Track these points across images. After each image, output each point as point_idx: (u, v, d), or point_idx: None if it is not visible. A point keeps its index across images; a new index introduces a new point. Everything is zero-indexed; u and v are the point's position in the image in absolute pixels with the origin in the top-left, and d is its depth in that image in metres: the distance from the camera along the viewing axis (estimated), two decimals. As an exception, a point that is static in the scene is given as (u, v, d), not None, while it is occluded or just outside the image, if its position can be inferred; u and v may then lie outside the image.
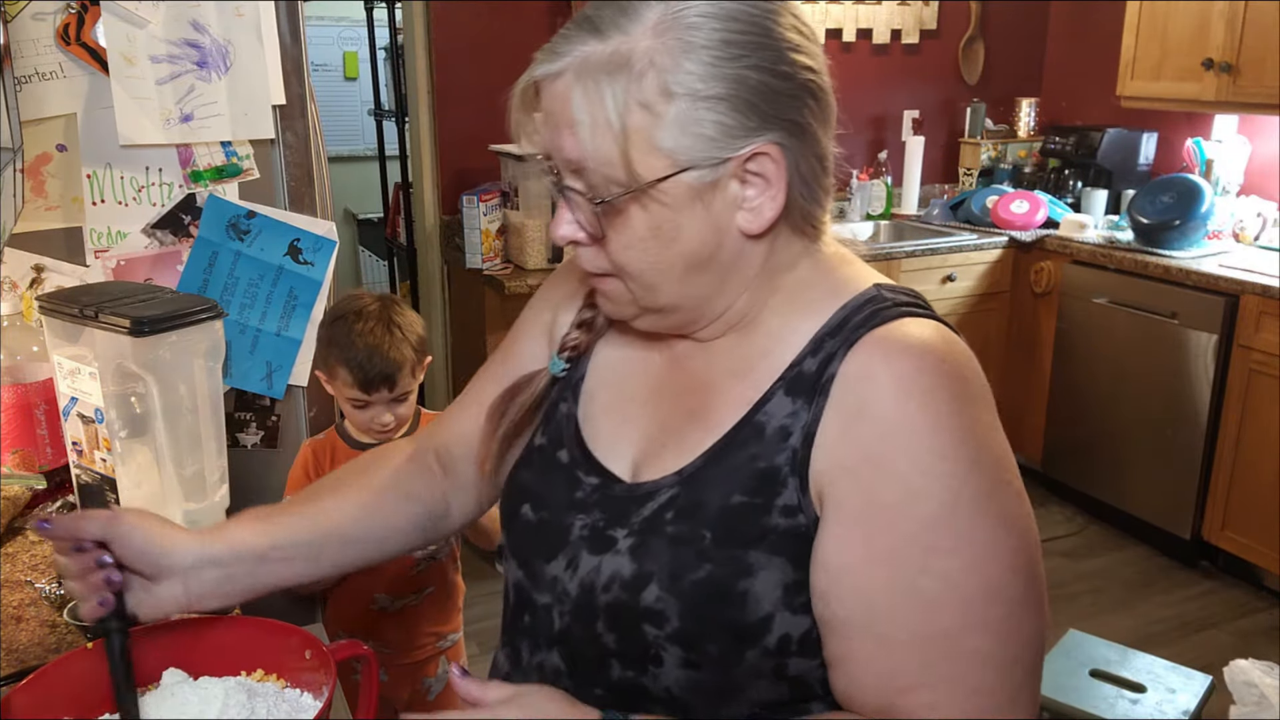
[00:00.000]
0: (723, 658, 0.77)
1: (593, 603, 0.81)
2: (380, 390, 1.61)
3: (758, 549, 0.76)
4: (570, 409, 0.92)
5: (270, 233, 1.70)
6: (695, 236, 0.77)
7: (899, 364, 0.74)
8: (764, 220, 0.77)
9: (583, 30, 0.75)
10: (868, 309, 0.79)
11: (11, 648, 1.10)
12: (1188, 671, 2.04)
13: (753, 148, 0.75)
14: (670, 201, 0.75)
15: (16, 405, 1.44)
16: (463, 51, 3.34)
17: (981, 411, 0.75)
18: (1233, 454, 3.11)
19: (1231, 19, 3.22)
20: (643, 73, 0.73)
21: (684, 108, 0.73)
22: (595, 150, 0.74)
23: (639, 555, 0.80)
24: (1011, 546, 0.73)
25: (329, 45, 5.52)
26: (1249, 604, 3.08)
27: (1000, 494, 0.73)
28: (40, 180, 1.57)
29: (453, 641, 1.77)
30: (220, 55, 1.61)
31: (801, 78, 0.76)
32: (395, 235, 4.16)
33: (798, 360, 0.79)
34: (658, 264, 0.78)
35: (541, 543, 0.88)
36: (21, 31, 1.50)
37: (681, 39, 0.73)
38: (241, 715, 0.86)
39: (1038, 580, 0.75)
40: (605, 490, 0.86)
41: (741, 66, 0.73)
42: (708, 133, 0.74)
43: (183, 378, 1.24)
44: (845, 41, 3.95)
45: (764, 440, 0.78)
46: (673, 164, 0.74)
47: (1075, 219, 3.66)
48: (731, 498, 0.78)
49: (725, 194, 0.76)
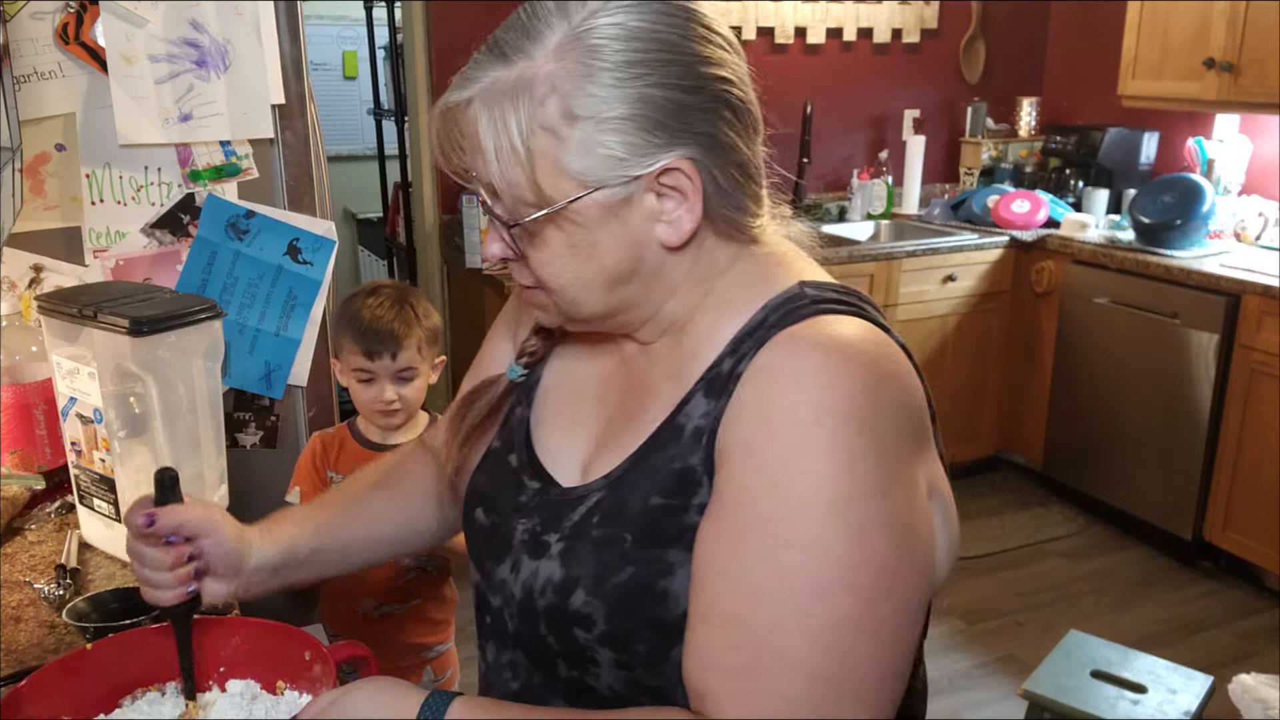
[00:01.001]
0: (651, 657, 0.77)
1: (533, 606, 0.82)
2: (383, 357, 1.58)
3: (676, 547, 0.76)
4: (524, 413, 0.94)
5: (269, 232, 1.69)
6: (614, 252, 0.78)
7: (801, 359, 0.73)
8: (683, 232, 0.77)
9: (490, 56, 0.76)
10: (785, 307, 0.78)
11: (10, 648, 1.09)
12: (1189, 672, 2.03)
13: (662, 164, 0.74)
14: (584, 221, 0.76)
15: (15, 405, 1.43)
16: (462, 51, 3.28)
17: (884, 417, 0.71)
18: (1234, 454, 3.10)
19: (1233, 18, 3.21)
20: (544, 97, 0.73)
21: (588, 130, 0.73)
22: (503, 175, 0.75)
23: (567, 560, 0.81)
24: (858, 561, 0.68)
25: (328, 44, 5.52)
26: (1250, 604, 3.08)
27: (870, 505, 0.69)
28: (39, 180, 1.57)
29: (439, 652, 1.76)
30: (219, 54, 1.61)
31: (713, 89, 0.75)
32: (395, 235, 4.16)
33: (718, 361, 0.79)
34: (578, 279, 0.79)
35: (492, 546, 0.89)
36: (20, 31, 1.50)
37: (582, 62, 0.73)
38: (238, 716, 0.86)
39: (887, 608, 0.69)
40: (544, 494, 0.87)
41: (645, 85, 0.73)
42: (615, 153, 0.74)
43: (182, 378, 1.24)
44: (846, 41, 3.95)
45: (682, 441, 0.78)
46: (581, 185, 0.74)
47: (1076, 219, 3.65)
48: (651, 499, 0.78)
49: (641, 208, 0.76)
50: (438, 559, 1.69)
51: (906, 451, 0.73)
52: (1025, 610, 3.03)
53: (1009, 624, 2.96)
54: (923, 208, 4.10)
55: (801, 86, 3.83)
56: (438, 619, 1.75)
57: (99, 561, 1.31)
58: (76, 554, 1.31)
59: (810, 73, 3.90)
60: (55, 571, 1.25)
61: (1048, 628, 2.90)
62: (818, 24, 3.86)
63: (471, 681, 1.15)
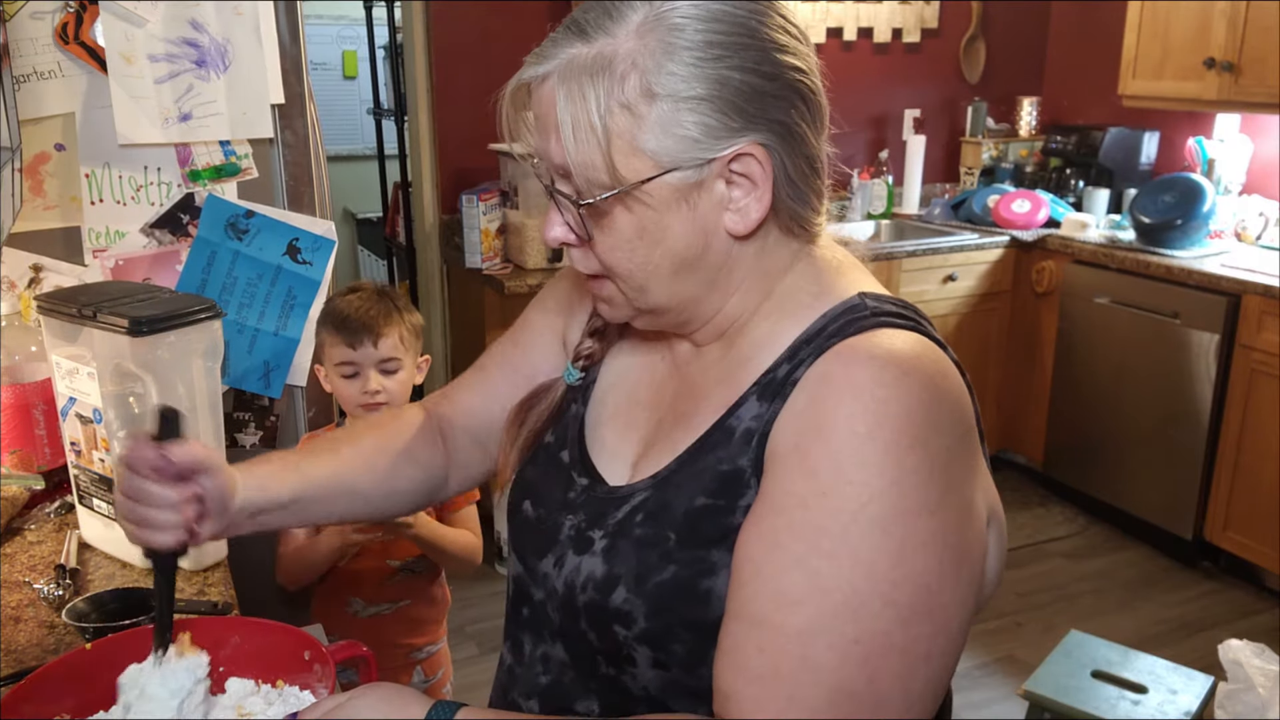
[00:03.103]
0: (689, 657, 0.77)
1: (574, 602, 0.83)
2: (365, 344, 1.57)
3: (720, 548, 0.76)
4: (579, 410, 0.94)
5: (269, 232, 1.69)
6: (681, 237, 0.77)
7: (858, 371, 0.72)
8: (750, 221, 0.77)
9: (570, 33, 0.76)
10: (845, 318, 0.78)
11: (10, 648, 1.09)
12: (1189, 672, 2.03)
13: (736, 149, 0.75)
14: (655, 203, 0.76)
15: (15, 405, 1.43)
16: (462, 51, 3.33)
17: (938, 434, 0.71)
18: (1234, 454, 3.10)
19: (1233, 18, 3.21)
20: (625, 74, 0.73)
21: (666, 109, 0.73)
22: (579, 153, 0.75)
23: (610, 557, 0.81)
24: (899, 578, 0.68)
25: (328, 44, 5.52)
26: (1250, 604, 3.08)
27: (917, 522, 0.68)
28: (38, 179, 1.57)
29: (430, 653, 1.75)
30: (219, 54, 1.61)
31: (788, 78, 0.76)
32: (394, 235, 4.16)
33: (774, 366, 0.79)
34: (645, 264, 0.79)
35: (537, 539, 0.89)
36: (20, 30, 1.49)
37: (664, 40, 0.73)
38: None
39: (924, 628, 0.69)
40: (591, 492, 0.87)
41: (724, 67, 0.73)
42: (691, 134, 0.74)
43: (181, 378, 1.24)
44: (846, 40, 3.95)
45: (731, 443, 0.78)
46: (656, 165, 0.75)
47: (1077, 218, 3.65)
48: (696, 500, 0.78)
49: (711, 194, 0.77)
50: (425, 560, 1.69)
51: (959, 469, 0.73)
52: (1025, 610, 3.03)
53: (1009, 624, 2.95)
54: (923, 207, 4.10)
55: (802, 86, 3.82)
56: (428, 620, 1.74)
57: (98, 561, 1.31)
58: (76, 554, 1.31)
59: (810, 72, 3.89)
60: (55, 571, 1.25)
61: (1048, 628, 2.90)
62: (818, 24, 3.86)
63: (467, 683, 1.15)
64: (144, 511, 0.86)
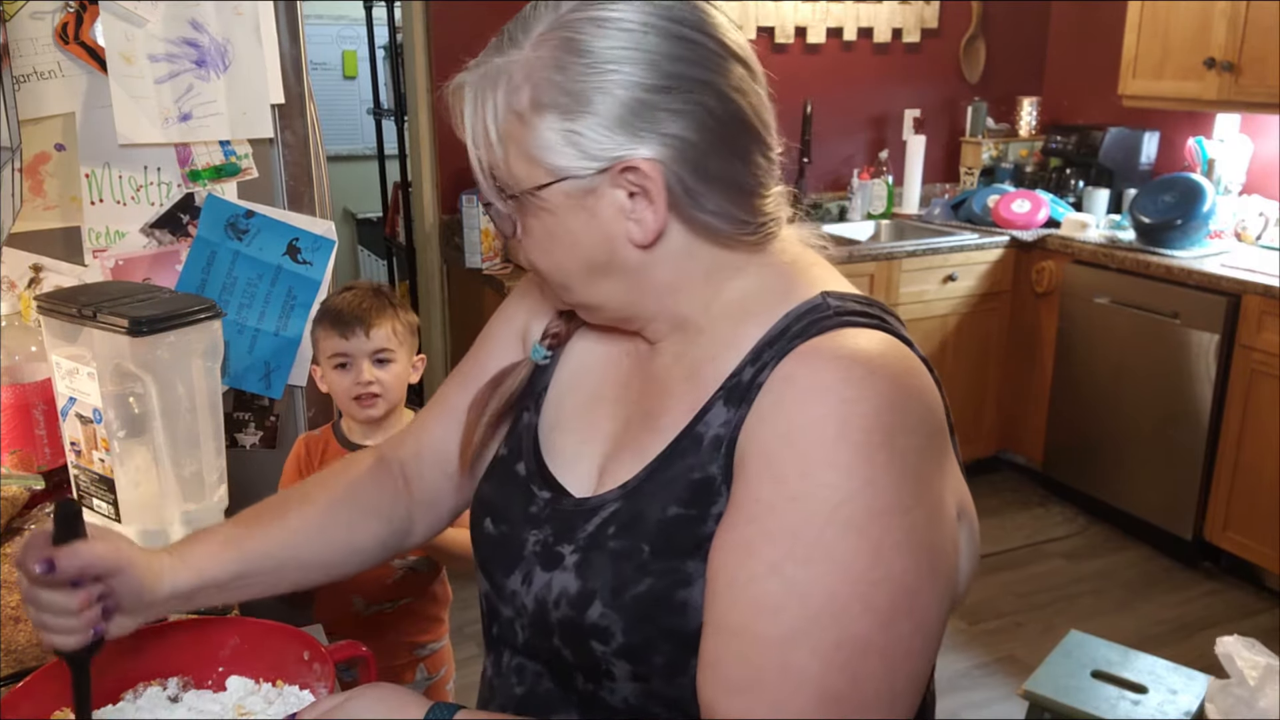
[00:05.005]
0: (668, 668, 0.76)
1: (547, 619, 0.81)
2: (357, 334, 1.56)
3: (694, 558, 0.75)
4: (531, 419, 0.92)
5: (269, 232, 1.69)
6: (587, 242, 0.79)
7: (823, 372, 0.71)
8: (648, 231, 0.77)
9: (495, 43, 0.79)
10: (808, 318, 0.77)
11: (10, 649, 1.09)
12: (1189, 672, 2.03)
13: (621, 162, 0.75)
14: (554, 208, 0.78)
15: (15, 405, 1.43)
16: (462, 51, 3.30)
17: (908, 433, 0.70)
18: (1234, 454, 3.10)
19: (1233, 18, 3.21)
20: (519, 85, 0.76)
21: (553, 120, 0.75)
22: (486, 158, 0.79)
23: (583, 572, 0.80)
24: (877, 579, 0.67)
25: (328, 44, 5.52)
26: (1251, 605, 3.08)
27: (891, 522, 0.68)
28: (38, 179, 1.57)
29: (432, 650, 1.75)
30: (219, 54, 1.61)
31: (688, 93, 0.74)
32: (394, 234, 4.16)
33: (738, 369, 0.78)
34: (560, 266, 0.81)
35: (502, 556, 0.88)
36: (20, 30, 1.49)
37: (555, 51, 0.75)
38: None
39: (904, 628, 0.68)
40: (555, 505, 0.86)
41: (612, 81, 0.73)
42: (577, 145, 0.75)
43: (181, 378, 1.24)
44: (846, 41, 3.95)
45: (701, 450, 0.78)
46: (548, 173, 0.76)
47: (1077, 218, 3.65)
48: (669, 510, 0.77)
49: (609, 202, 0.77)
50: (427, 558, 1.69)
51: (929, 468, 0.72)
52: (1025, 610, 3.03)
53: (1009, 624, 2.96)
54: (923, 207, 4.10)
55: (801, 86, 3.83)
56: (430, 617, 1.74)
57: (98, 561, 1.30)
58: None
59: (810, 72, 3.89)
60: (54, 571, 1.25)
61: (1048, 628, 2.90)
62: (818, 23, 3.86)
63: (469, 682, 1.15)
64: (41, 616, 0.83)
